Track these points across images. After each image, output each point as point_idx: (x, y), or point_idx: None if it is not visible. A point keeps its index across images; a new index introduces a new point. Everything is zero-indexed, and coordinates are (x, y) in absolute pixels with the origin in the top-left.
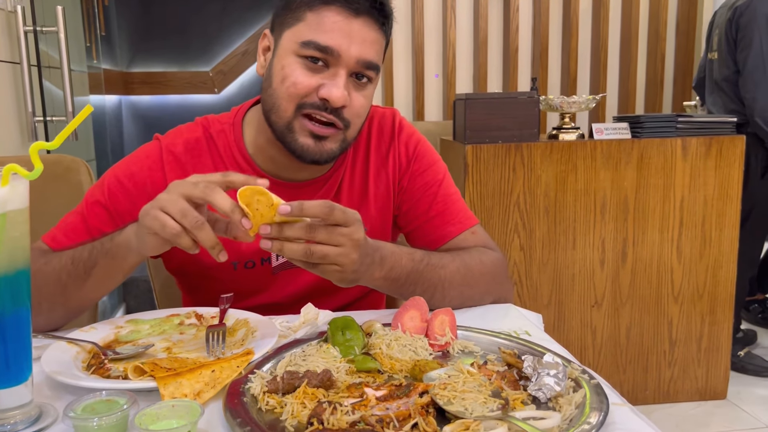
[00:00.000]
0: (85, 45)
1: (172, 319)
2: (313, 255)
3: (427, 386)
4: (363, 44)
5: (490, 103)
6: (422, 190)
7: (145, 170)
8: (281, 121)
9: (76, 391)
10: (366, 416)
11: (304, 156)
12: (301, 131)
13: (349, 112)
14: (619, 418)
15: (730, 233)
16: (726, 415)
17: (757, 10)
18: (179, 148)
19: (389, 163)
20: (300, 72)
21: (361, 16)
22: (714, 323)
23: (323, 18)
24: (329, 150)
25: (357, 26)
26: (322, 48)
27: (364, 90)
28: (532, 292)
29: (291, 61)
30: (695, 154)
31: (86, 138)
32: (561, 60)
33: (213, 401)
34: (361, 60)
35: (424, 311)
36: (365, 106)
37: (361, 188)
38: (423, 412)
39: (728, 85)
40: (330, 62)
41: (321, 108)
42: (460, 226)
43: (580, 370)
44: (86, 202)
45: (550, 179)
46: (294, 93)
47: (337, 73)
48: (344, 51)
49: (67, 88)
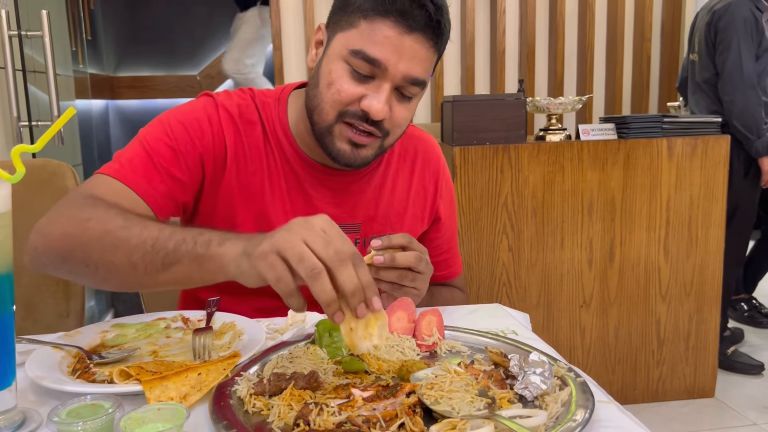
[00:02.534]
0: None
1: (159, 322)
2: (401, 290)
3: (414, 386)
4: (412, 61)
5: (478, 105)
6: (446, 226)
7: (206, 120)
8: (323, 123)
9: (60, 396)
10: (352, 417)
11: (338, 159)
12: (340, 136)
13: (390, 123)
14: (605, 416)
15: (716, 232)
16: (714, 413)
17: (735, 13)
18: (234, 109)
19: (432, 189)
20: (346, 80)
21: (415, 32)
22: (701, 322)
23: (376, 29)
24: (365, 156)
25: (409, 42)
26: (370, 59)
27: (407, 103)
28: (520, 292)
29: (339, 66)
30: (681, 154)
31: (72, 142)
32: (548, 62)
33: (199, 404)
34: (408, 76)
35: (411, 312)
36: (406, 118)
37: (401, 200)
38: (410, 412)
39: (709, 87)
40: (376, 74)
41: (361, 119)
42: (458, 268)
43: (566, 368)
44: (146, 140)
45: (538, 180)
46: (338, 100)
47: (381, 86)
48: (392, 66)
49: (53, 92)
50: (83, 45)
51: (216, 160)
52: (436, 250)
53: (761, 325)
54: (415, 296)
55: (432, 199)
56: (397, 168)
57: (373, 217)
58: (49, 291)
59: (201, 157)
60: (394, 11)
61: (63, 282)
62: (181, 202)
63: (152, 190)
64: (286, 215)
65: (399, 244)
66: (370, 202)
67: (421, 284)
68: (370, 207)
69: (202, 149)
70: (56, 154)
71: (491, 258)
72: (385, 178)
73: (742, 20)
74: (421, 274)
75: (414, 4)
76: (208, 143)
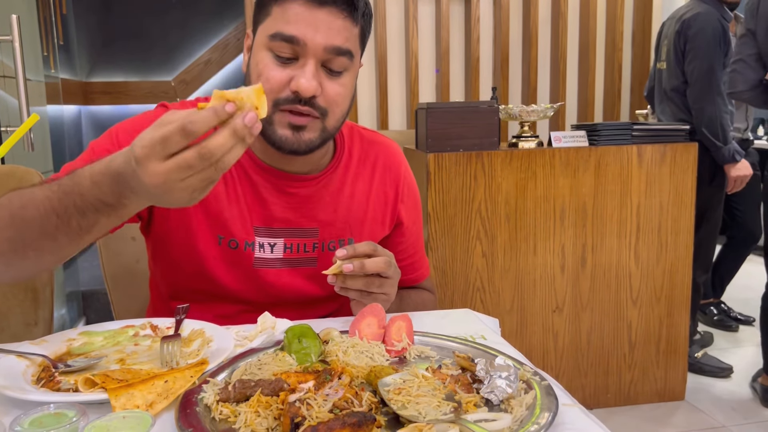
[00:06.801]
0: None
1: (127, 330)
2: (369, 296)
3: (344, 368)
4: (329, 32)
5: (451, 113)
6: (410, 230)
7: None
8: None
9: (23, 405)
10: (338, 402)
11: (282, 147)
12: (280, 123)
13: (324, 100)
14: (569, 419)
15: (685, 238)
16: (684, 415)
17: (704, 22)
18: None
19: (393, 194)
20: (272, 66)
21: (326, 6)
22: (671, 326)
23: (288, 10)
24: (308, 140)
25: (322, 15)
26: (287, 38)
27: (339, 78)
28: (494, 298)
29: (263, 56)
30: (650, 161)
31: (43, 149)
32: (521, 70)
33: (166, 412)
34: (329, 47)
35: (381, 318)
36: (342, 94)
37: (360, 204)
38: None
39: (677, 95)
40: (298, 53)
41: (295, 101)
42: (425, 271)
43: (532, 371)
44: (93, 151)
45: (511, 187)
46: (268, 89)
47: (305, 63)
48: (309, 39)
49: (23, 98)
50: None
51: None
52: (402, 255)
53: (730, 328)
54: (385, 301)
55: (393, 204)
56: (357, 173)
57: (332, 222)
58: (16, 299)
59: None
60: None
61: (31, 289)
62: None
63: None
64: (243, 221)
65: (364, 252)
66: (328, 207)
67: (389, 289)
68: (328, 211)
69: None
70: (26, 161)
71: (465, 264)
72: (344, 182)
73: (711, 29)
74: (389, 279)
75: None
76: None
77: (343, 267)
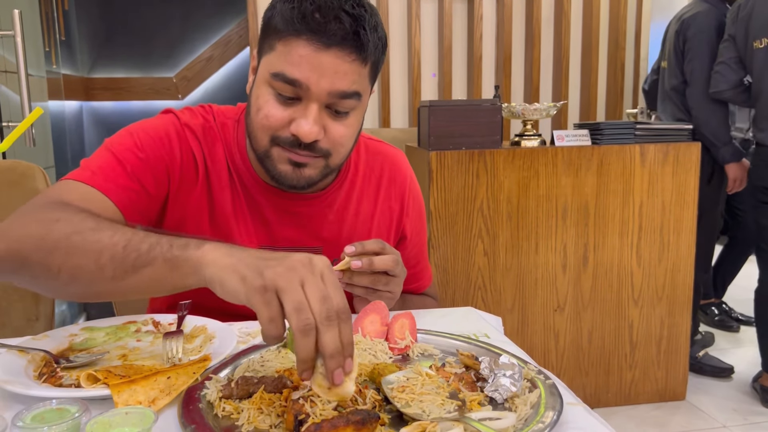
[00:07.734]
0: (44, 50)
1: (129, 326)
2: (375, 294)
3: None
4: (335, 76)
5: (454, 110)
6: (413, 242)
7: (174, 136)
8: (259, 149)
9: (25, 401)
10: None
11: (282, 182)
12: (279, 158)
13: (328, 142)
14: (573, 417)
15: (687, 238)
16: (685, 415)
17: (703, 22)
18: (199, 130)
19: (398, 208)
20: (273, 104)
21: (332, 48)
22: (673, 326)
23: (292, 50)
24: (308, 176)
25: (327, 59)
26: (290, 81)
27: (345, 119)
28: (495, 296)
29: (265, 91)
30: (653, 160)
31: (45, 144)
32: (524, 68)
33: (168, 408)
34: (334, 92)
35: (384, 315)
36: (347, 136)
37: (365, 222)
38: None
39: (676, 95)
40: (301, 95)
41: (294, 144)
42: (427, 280)
43: (536, 370)
44: (116, 150)
45: (513, 185)
46: (267, 125)
47: (307, 107)
48: (313, 84)
49: (24, 93)
50: (57, 45)
51: (183, 175)
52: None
53: (731, 328)
54: (389, 299)
55: (398, 219)
56: (362, 189)
57: (336, 240)
58: (17, 294)
59: (167, 170)
60: (307, 30)
61: None
62: (146, 214)
63: (124, 197)
64: (250, 240)
65: (373, 250)
66: (332, 225)
67: (394, 287)
68: (332, 230)
69: (169, 163)
70: (28, 156)
71: (467, 262)
72: (349, 200)
73: (711, 29)
74: (396, 278)
75: (328, 20)
76: (176, 158)
77: (352, 263)
